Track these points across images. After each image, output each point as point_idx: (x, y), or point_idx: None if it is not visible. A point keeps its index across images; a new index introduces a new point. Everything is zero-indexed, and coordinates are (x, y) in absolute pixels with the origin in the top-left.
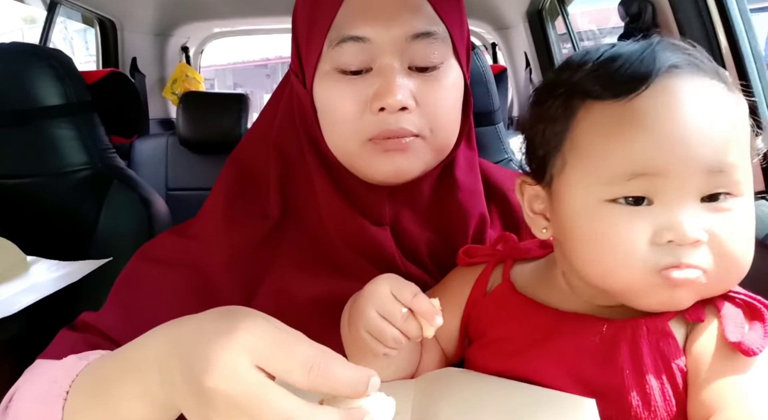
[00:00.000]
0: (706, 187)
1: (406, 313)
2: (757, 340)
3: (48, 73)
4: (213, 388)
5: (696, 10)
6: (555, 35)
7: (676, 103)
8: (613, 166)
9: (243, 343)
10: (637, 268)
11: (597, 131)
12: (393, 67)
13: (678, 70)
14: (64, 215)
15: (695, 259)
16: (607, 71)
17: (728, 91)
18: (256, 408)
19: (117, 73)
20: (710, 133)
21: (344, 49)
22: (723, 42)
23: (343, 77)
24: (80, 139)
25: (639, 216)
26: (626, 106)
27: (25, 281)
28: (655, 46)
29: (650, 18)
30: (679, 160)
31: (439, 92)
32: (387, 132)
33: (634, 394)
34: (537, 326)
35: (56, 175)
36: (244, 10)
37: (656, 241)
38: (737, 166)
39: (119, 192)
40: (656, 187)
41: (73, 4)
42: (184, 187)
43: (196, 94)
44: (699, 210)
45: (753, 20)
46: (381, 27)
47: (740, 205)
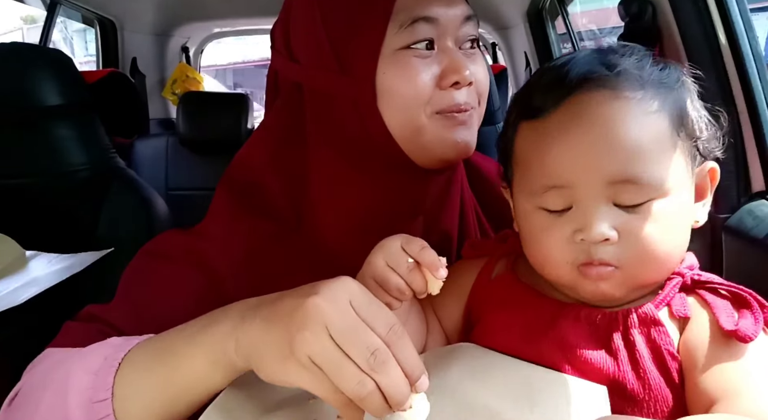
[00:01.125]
0: (617, 194)
1: (411, 263)
2: (751, 327)
3: (48, 73)
4: (317, 305)
5: (696, 10)
6: (555, 35)
7: (581, 121)
8: (534, 180)
9: (347, 286)
10: (561, 265)
11: (525, 148)
12: (453, 47)
13: (589, 84)
14: (64, 215)
15: (606, 256)
16: (532, 90)
17: (644, 101)
18: (349, 334)
19: (117, 73)
20: (613, 148)
21: (416, 29)
22: (723, 42)
23: (415, 54)
24: (80, 139)
25: (560, 220)
26: (541, 124)
27: (25, 275)
28: (573, 63)
29: (650, 18)
30: (583, 175)
31: (482, 69)
32: (456, 106)
33: (630, 379)
34: (539, 314)
35: (56, 175)
36: (244, 10)
37: (573, 240)
38: (649, 174)
39: (119, 192)
40: (571, 196)
41: (73, 4)
42: (184, 187)
43: (196, 94)
44: (612, 211)
45: (753, 20)
46: (446, 6)
47: (659, 206)
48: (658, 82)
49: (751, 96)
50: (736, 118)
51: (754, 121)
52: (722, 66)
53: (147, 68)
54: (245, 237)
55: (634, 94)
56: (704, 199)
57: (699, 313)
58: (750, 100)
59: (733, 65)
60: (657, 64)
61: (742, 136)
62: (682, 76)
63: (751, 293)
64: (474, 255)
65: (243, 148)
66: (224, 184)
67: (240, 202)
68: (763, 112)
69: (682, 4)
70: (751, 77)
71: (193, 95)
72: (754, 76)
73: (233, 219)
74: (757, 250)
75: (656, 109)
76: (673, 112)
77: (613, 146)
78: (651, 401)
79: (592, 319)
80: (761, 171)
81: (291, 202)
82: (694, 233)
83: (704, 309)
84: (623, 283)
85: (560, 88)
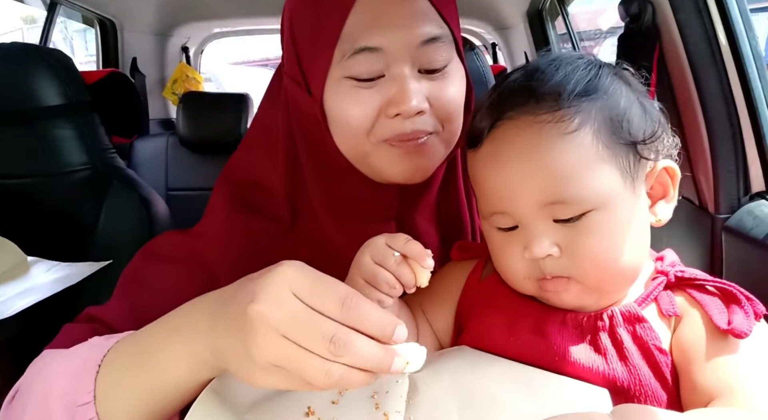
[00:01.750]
0: (552, 214)
1: (398, 257)
2: (744, 323)
3: (48, 73)
4: (259, 312)
5: (696, 10)
6: (555, 35)
7: (504, 152)
8: (482, 205)
9: (285, 275)
10: (521, 279)
11: (472, 175)
12: (405, 73)
13: (509, 117)
14: (64, 215)
15: (556, 270)
16: (474, 117)
17: (563, 122)
18: (300, 329)
19: (117, 73)
20: (536, 174)
21: (359, 60)
22: (723, 42)
23: (356, 85)
24: (80, 139)
25: (511, 238)
26: (477, 154)
27: (26, 282)
28: (501, 88)
29: (650, 18)
30: (516, 201)
31: (448, 91)
32: (402, 136)
33: (620, 376)
34: (525, 317)
35: (56, 175)
36: (244, 10)
37: (524, 256)
38: (575, 193)
39: (119, 192)
40: (512, 219)
41: (73, 4)
42: (184, 187)
43: (196, 94)
44: (552, 228)
45: (753, 20)
46: (394, 35)
47: (595, 218)
48: (583, 96)
49: (751, 96)
50: (736, 118)
51: (754, 121)
52: (722, 66)
53: (147, 68)
54: (243, 236)
55: (552, 116)
56: (667, 196)
57: (690, 312)
58: (750, 100)
59: (733, 65)
60: (589, 73)
61: (742, 136)
62: (616, 81)
63: (736, 287)
64: (463, 257)
65: (239, 148)
66: (221, 183)
67: (237, 201)
68: (763, 112)
69: (682, 4)
70: (751, 77)
71: (193, 95)
72: (754, 76)
73: (231, 219)
74: (757, 250)
75: (576, 128)
76: (599, 123)
77: (533, 173)
78: (642, 396)
79: (578, 321)
80: (761, 171)
81: (287, 200)
82: (694, 233)
83: (695, 307)
84: (584, 291)
85: (489, 117)
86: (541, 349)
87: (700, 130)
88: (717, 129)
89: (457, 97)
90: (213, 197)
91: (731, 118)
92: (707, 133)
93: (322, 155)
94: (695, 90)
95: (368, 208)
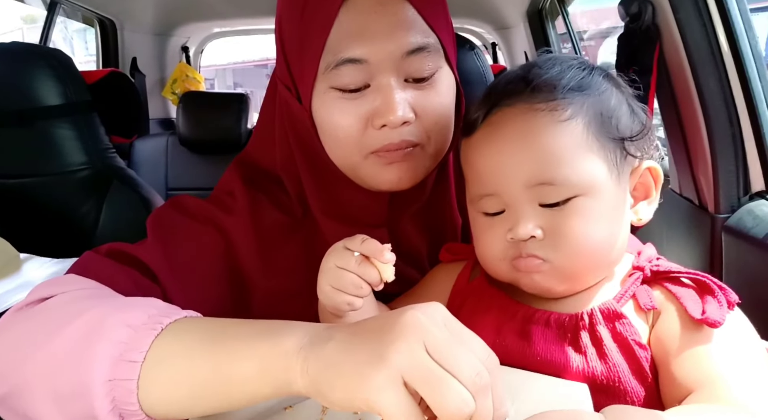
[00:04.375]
0: (538, 196)
1: (359, 257)
2: (717, 312)
3: (48, 73)
4: (416, 317)
5: (696, 10)
6: (555, 35)
7: (498, 135)
8: (471, 189)
9: (439, 308)
10: (498, 261)
11: (464, 161)
12: (390, 83)
13: (505, 104)
14: (64, 215)
15: (532, 250)
16: (468, 109)
17: (557, 111)
18: (449, 352)
19: (117, 73)
20: (526, 156)
21: (342, 72)
22: (723, 42)
23: (342, 96)
24: (80, 139)
25: (495, 222)
26: (472, 140)
27: (18, 278)
28: (499, 80)
29: (650, 18)
30: (504, 182)
31: (435, 100)
32: (389, 146)
33: (599, 374)
34: (511, 320)
35: (56, 175)
36: (244, 10)
37: (505, 238)
38: (563, 175)
39: (119, 192)
40: (502, 201)
41: (73, 4)
42: (184, 187)
43: (196, 94)
44: (536, 211)
45: (753, 20)
46: (378, 46)
47: (580, 203)
48: (576, 91)
49: (751, 96)
50: (736, 118)
51: (754, 121)
52: (722, 66)
53: (147, 68)
54: (263, 225)
55: (546, 105)
56: (650, 197)
57: (667, 306)
58: (750, 100)
59: (733, 65)
60: (582, 72)
61: (742, 136)
62: (607, 81)
63: (709, 277)
64: (451, 259)
65: (254, 138)
66: (239, 167)
67: (258, 189)
68: (763, 112)
69: (682, 4)
70: (751, 77)
71: (193, 95)
72: (754, 76)
73: (254, 205)
74: (757, 250)
75: (568, 117)
76: (590, 116)
77: (525, 154)
78: (622, 393)
79: (561, 322)
80: (761, 171)
81: (298, 198)
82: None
83: (671, 301)
84: (556, 275)
85: (485, 106)
86: (525, 351)
87: (700, 130)
88: (717, 129)
89: (445, 106)
90: (230, 178)
91: (731, 118)
92: (707, 133)
93: (316, 160)
94: (695, 90)
95: (360, 213)
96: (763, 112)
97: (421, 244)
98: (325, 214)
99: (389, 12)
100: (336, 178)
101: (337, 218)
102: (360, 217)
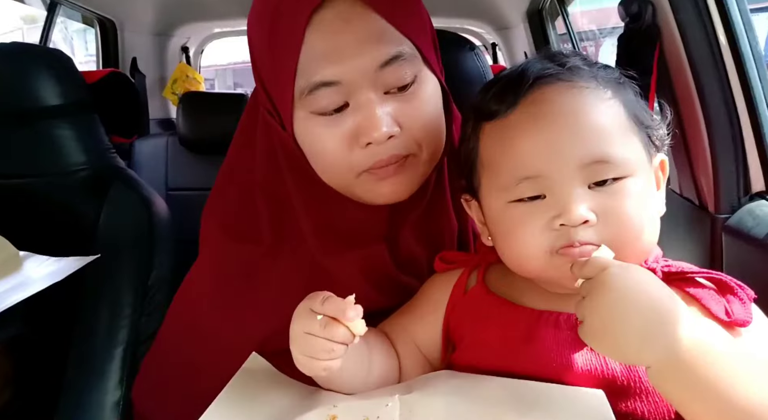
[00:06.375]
0: (589, 176)
1: (323, 319)
2: (742, 311)
3: (48, 73)
4: None
5: (696, 10)
6: (555, 35)
7: (544, 112)
8: (506, 174)
9: None
10: (538, 255)
11: (492, 147)
12: (370, 99)
13: (545, 80)
14: (65, 215)
15: (587, 237)
16: (490, 94)
17: (598, 90)
18: None
19: (117, 73)
20: (580, 132)
21: (318, 96)
22: (723, 42)
23: (322, 119)
24: (80, 139)
25: (535, 210)
26: (506, 121)
27: (18, 277)
28: (526, 65)
29: (650, 18)
30: (555, 162)
31: (420, 108)
32: (379, 162)
33: (619, 375)
34: (517, 326)
35: (56, 175)
36: (244, 10)
37: (551, 227)
38: (617, 153)
39: (119, 192)
40: (543, 185)
41: (73, 4)
42: (184, 187)
43: (196, 94)
44: (587, 194)
45: (753, 20)
46: (349, 65)
47: (627, 185)
48: (606, 77)
49: (751, 96)
50: (737, 118)
51: (754, 121)
52: (722, 66)
53: (147, 68)
54: (229, 264)
55: (587, 84)
56: (659, 190)
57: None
58: (750, 100)
59: (733, 65)
60: (599, 64)
61: (742, 136)
62: (622, 76)
63: (726, 276)
64: (445, 268)
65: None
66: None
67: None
68: (763, 112)
69: (682, 4)
70: (751, 77)
71: (193, 95)
72: (754, 76)
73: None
74: (757, 250)
75: (610, 97)
76: (624, 100)
77: (579, 131)
78: (643, 393)
79: (572, 323)
80: (761, 171)
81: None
82: (694, 233)
83: (691, 304)
84: None
85: (519, 86)
86: (539, 357)
87: (700, 130)
88: (717, 129)
89: (431, 112)
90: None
91: (731, 118)
92: (707, 133)
93: (308, 181)
94: (695, 90)
95: (359, 230)
96: (763, 112)
97: (421, 252)
98: (319, 235)
99: (356, 28)
100: (331, 196)
101: (332, 237)
102: (358, 233)
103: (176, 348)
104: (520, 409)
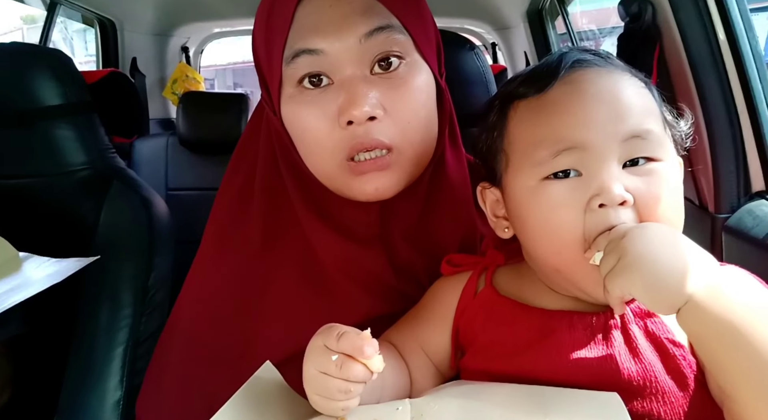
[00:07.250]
0: (626, 153)
1: (339, 358)
2: None
3: (48, 73)
4: None
5: (696, 10)
6: (555, 35)
7: (584, 86)
8: (541, 148)
9: None
10: (575, 239)
11: (524, 123)
12: (354, 76)
13: (583, 64)
14: (64, 215)
15: (627, 218)
16: (527, 76)
17: (633, 79)
18: None
19: (117, 73)
20: (622, 107)
21: (298, 63)
22: (723, 42)
23: (306, 95)
24: (80, 139)
25: (571, 186)
26: (543, 98)
27: (18, 278)
28: (565, 52)
29: (650, 18)
30: (594, 133)
31: (406, 95)
32: (359, 145)
33: (634, 375)
34: (529, 327)
35: (56, 175)
36: (244, 10)
37: (590, 207)
38: (652, 131)
39: (119, 192)
40: (580, 159)
41: (73, 4)
42: (184, 187)
43: (196, 94)
44: (622, 175)
45: (753, 20)
46: (332, 36)
47: (661, 169)
48: (637, 74)
49: (751, 96)
50: (737, 117)
51: (754, 121)
52: (722, 66)
53: (147, 68)
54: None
55: (623, 73)
56: None
57: None
58: (750, 100)
59: (733, 65)
60: None
61: (742, 136)
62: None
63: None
64: (453, 271)
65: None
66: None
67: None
68: (763, 112)
69: (682, 4)
70: (751, 77)
71: (193, 95)
72: (754, 76)
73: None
74: (757, 250)
75: (644, 85)
76: (654, 97)
77: (619, 106)
78: (658, 394)
79: (587, 322)
80: (761, 171)
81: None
82: (694, 233)
83: None
84: None
85: (557, 68)
86: (553, 357)
87: (700, 130)
88: (717, 129)
89: (419, 102)
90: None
91: (731, 118)
92: (707, 133)
93: (300, 174)
94: (695, 90)
95: (351, 226)
96: (763, 112)
97: (416, 258)
98: (317, 230)
99: (345, 3)
100: (322, 191)
101: (330, 232)
102: (352, 231)
103: (176, 361)
104: (534, 411)
